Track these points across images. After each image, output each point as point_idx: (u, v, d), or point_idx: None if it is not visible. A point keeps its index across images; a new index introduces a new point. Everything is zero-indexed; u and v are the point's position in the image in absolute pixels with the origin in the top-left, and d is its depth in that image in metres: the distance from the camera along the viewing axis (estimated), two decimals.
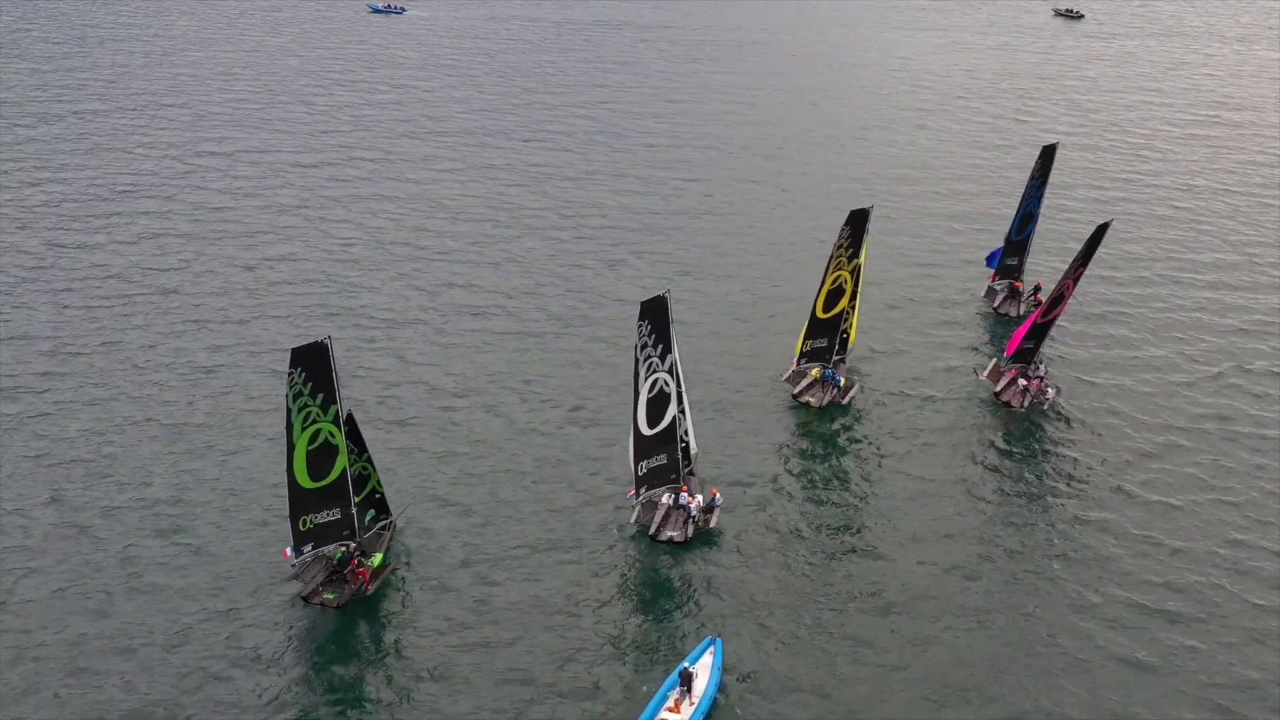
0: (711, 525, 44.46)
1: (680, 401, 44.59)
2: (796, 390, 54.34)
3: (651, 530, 43.91)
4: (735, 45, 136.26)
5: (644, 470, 44.26)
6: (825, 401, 53.84)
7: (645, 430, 43.67)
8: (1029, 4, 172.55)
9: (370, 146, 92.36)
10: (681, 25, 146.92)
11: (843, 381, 54.83)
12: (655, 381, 43.28)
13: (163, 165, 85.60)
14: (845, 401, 54.29)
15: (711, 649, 37.38)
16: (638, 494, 44.57)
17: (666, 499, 45.09)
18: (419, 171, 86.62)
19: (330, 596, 39.63)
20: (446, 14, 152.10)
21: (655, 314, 42.52)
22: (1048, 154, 63.36)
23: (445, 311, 63.38)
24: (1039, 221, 65.42)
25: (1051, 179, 65.78)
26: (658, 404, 43.72)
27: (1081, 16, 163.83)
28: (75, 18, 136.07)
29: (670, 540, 43.62)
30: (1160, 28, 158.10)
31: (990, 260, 66.66)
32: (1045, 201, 65.88)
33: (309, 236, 73.31)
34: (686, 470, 46.03)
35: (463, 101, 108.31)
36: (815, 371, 54.96)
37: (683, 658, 37.25)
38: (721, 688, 36.27)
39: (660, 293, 42.94)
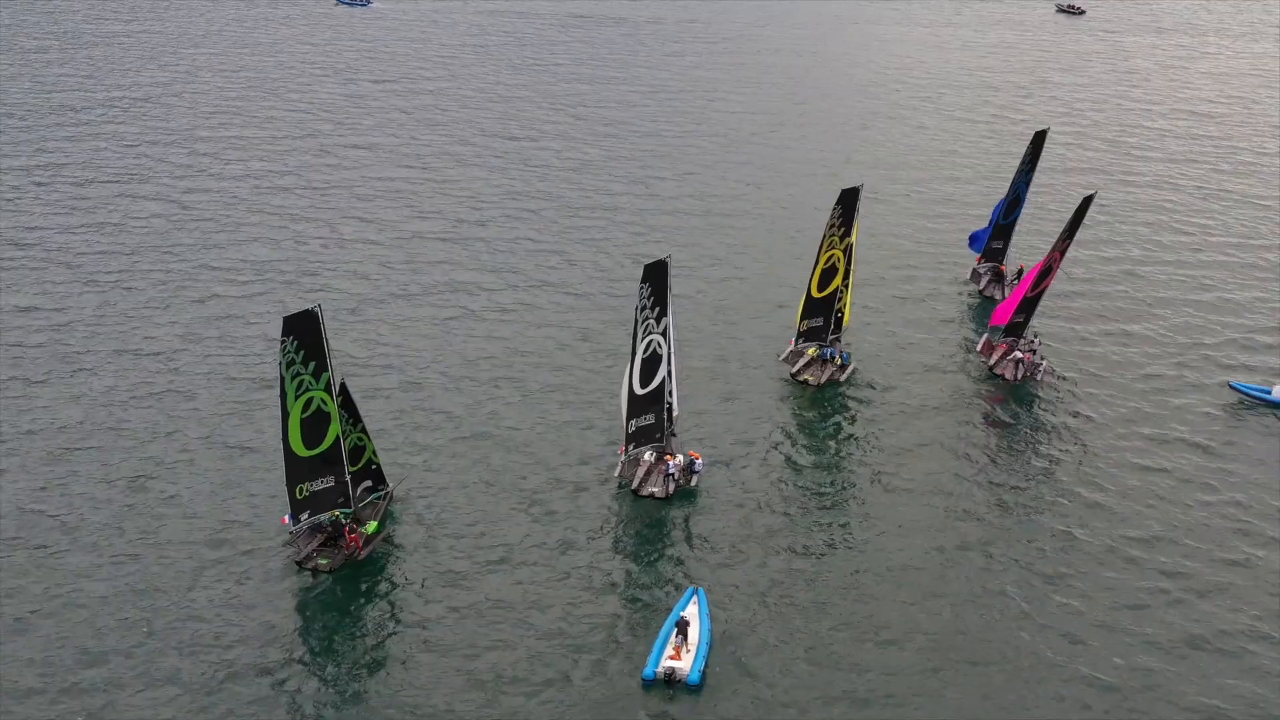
0: (692, 484, 45.65)
1: (669, 364, 45.81)
2: (794, 369, 54.90)
3: (634, 485, 45.20)
4: (735, 42, 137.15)
5: (633, 428, 45.60)
6: (823, 379, 54.37)
7: (638, 389, 45.08)
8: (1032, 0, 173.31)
9: (352, 135, 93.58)
10: (674, 21, 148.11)
11: (837, 360, 55.33)
12: (650, 343, 44.77)
13: (145, 159, 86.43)
14: (843, 379, 54.81)
15: (695, 599, 38.07)
16: (626, 451, 45.88)
17: (649, 457, 46.41)
18: (408, 158, 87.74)
19: (324, 562, 40.24)
20: (413, 5, 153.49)
21: (656, 277, 44.11)
22: (1038, 140, 63.67)
23: (431, 289, 64.31)
24: (1025, 207, 65.79)
25: (1042, 170, 66.17)
26: (650, 364, 45.17)
27: (1083, 12, 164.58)
28: (33, 22, 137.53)
29: (651, 495, 44.87)
30: (1162, 24, 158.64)
31: (971, 242, 67.00)
32: (1033, 189, 66.13)
33: (295, 221, 74.37)
34: (669, 430, 47.10)
35: (443, 87, 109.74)
36: (812, 350, 55.47)
37: (669, 609, 37.99)
38: (711, 635, 36.85)
39: (663, 257, 44.57)
